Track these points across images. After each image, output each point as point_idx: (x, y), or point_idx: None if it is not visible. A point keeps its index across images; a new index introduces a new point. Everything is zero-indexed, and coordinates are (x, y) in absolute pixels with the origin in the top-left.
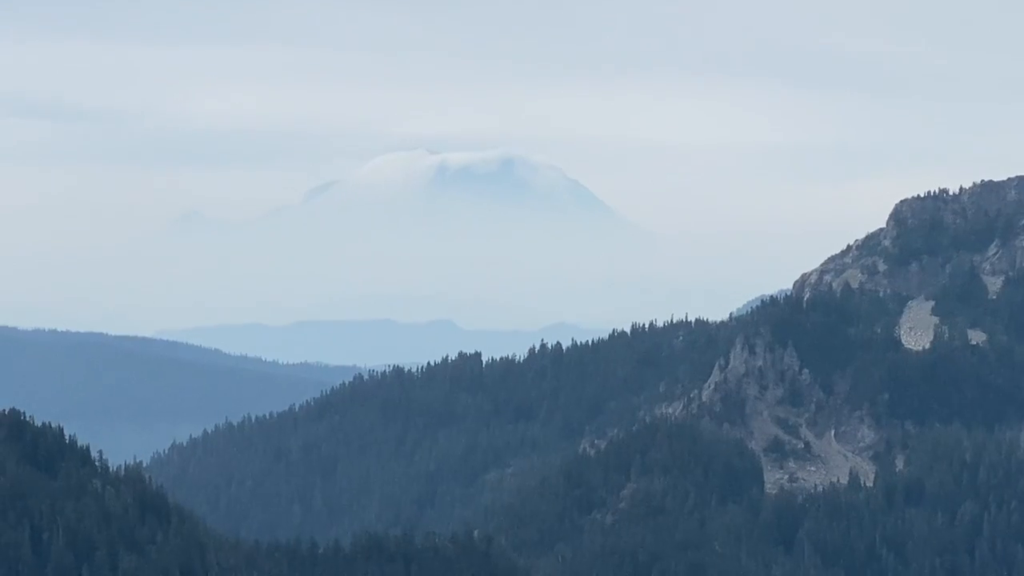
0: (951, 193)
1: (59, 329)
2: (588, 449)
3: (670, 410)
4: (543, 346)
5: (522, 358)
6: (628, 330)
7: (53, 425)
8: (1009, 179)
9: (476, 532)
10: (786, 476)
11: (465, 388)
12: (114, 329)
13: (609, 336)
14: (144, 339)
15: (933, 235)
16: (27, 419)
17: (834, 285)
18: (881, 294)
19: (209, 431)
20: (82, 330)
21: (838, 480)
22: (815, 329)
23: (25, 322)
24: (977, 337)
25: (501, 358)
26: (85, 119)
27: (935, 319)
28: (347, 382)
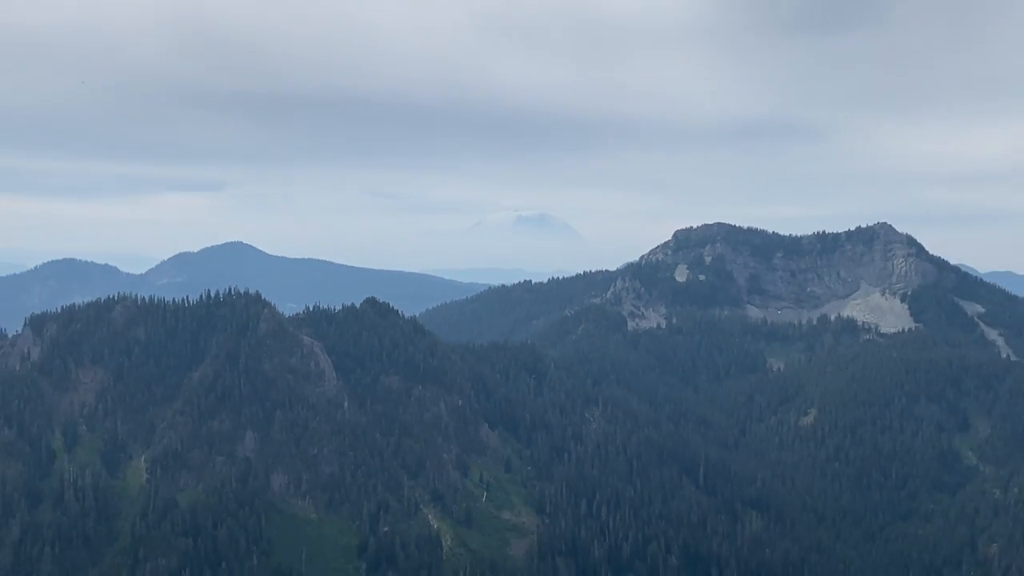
0: (693, 227)
1: (367, 267)
2: (567, 314)
3: (596, 301)
4: (554, 279)
5: (544, 282)
6: (583, 273)
7: (382, 301)
8: (707, 226)
9: (527, 340)
10: (636, 324)
11: (526, 293)
12: (390, 266)
13: (575, 276)
14: (407, 272)
15: (688, 242)
16: (381, 306)
17: (653, 259)
18: (656, 263)
19: (433, 307)
20: (374, 267)
21: (656, 326)
22: (649, 273)
23: (353, 262)
24: (705, 275)
25: (537, 283)
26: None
27: (685, 270)
28: (483, 291)
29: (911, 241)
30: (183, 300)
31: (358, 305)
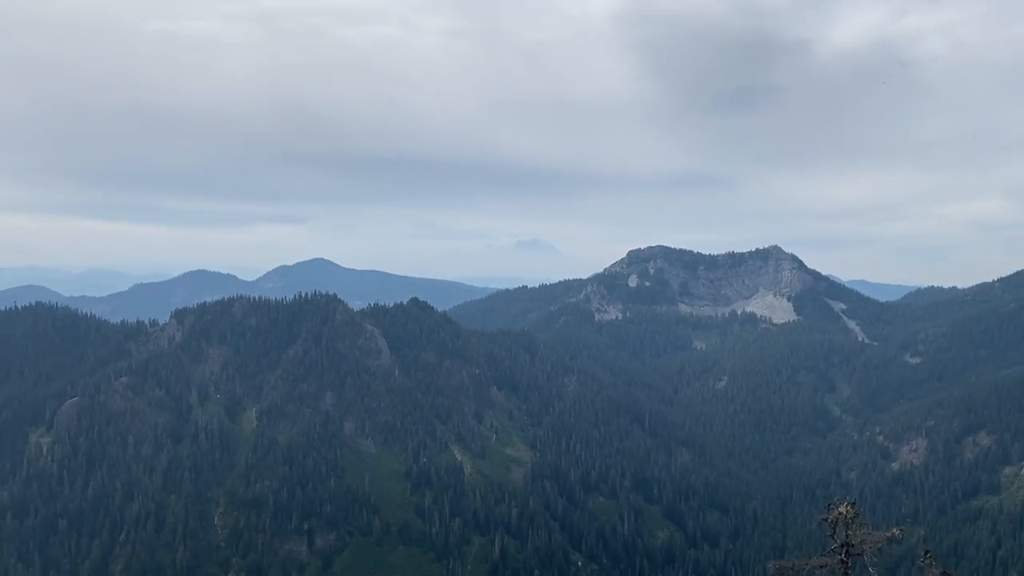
0: (641, 248)
1: (411, 276)
2: (552, 310)
3: (573, 301)
4: (543, 285)
5: (536, 287)
6: (563, 281)
7: (422, 301)
8: (651, 247)
9: (524, 328)
10: (601, 317)
11: (523, 295)
12: (428, 276)
13: (558, 283)
14: (440, 280)
15: (637, 258)
16: (421, 304)
17: (612, 271)
18: (615, 273)
19: (458, 305)
20: (417, 276)
21: (615, 318)
22: (610, 281)
23: (402, 272)
24: (649, 282)
25: (531, 287)
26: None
27: (635, 278)
28: (493, 294)
29: (795, 259)
30: (282, 299)
31: (405, 303)
